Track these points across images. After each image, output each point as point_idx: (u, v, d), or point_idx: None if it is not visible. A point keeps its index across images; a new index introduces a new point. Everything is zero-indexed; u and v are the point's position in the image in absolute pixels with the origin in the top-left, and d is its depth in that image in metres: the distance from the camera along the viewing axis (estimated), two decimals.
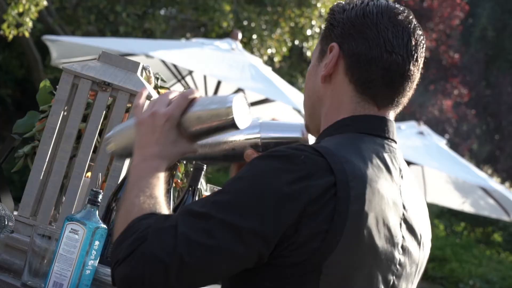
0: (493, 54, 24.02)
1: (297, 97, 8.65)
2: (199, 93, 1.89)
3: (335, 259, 1.69)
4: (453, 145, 18.90)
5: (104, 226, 2.12)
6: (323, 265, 1.69)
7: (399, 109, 1.92)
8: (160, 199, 1.78)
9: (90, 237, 2.08)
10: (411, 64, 1.87)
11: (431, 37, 18.74)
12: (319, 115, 1.93)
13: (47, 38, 9.77)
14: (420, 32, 1.90)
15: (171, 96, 1.89)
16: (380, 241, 1.76)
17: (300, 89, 13.56)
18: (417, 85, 1.93)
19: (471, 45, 23.48)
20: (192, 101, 1.86)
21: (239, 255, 1.67)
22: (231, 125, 1.83)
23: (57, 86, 2.50)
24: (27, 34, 10.05)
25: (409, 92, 1.91)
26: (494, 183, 10.65)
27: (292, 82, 13.50)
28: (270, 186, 1.68)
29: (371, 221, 1.73)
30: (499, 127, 23.29)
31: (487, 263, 14.31)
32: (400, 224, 1.82)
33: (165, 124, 1.84)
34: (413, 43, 1.87)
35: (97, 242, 2.10)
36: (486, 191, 10.90)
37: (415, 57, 1.87)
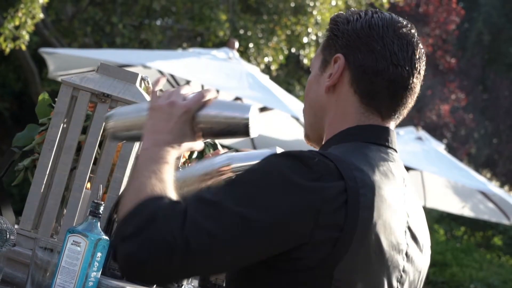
0: (490, 58, 24.05)
1: (295, 105, 8.65)
2: (216, 94, 1.91)
3: (345, 265, 1.71)
4: (452, 150, 18.90)
5: (106, 237, 2.12)
6: (335, 270, 1.71)
7: (399, 120, 1.96)
8: (170, 184, 1.77)
9: (92, 249, 2.08)
10: (414, 77, 1.91)
11: (428, 43, 18.75)
12: (322, 125, 1.95)
13: (44, 51, 9.77)
14: (422, 46, 1.94)
15: (186, 91, 1.90)
16: (387, 248, 1.78)
17: (297, 96, 13.56)
18: None
19: (468, 49, 23.51)
20: (209, 101, 1.88)
21: (246, 247, 1.67)
22: (245, 134, 1.87)
23: (55, 99, 2.51)
24: (23, 47, 10.06)
25: (411, 104, 1.95)
26: (493, 187, 10.64)
27: (289, 90, 13.50)
28: (285, 181, 1.69)
29: (379, 229, 1.75)
30: (497, 131, 23.31)
31: (487, 267, 14.29)
32: (405, 231, 1.85)
33: (182, 115, 1.85)
34: (417, 56, 1.91)
35: (99, 254, 2.10)
36: (486, 195, 10.90)
37: (418, 70, 1.91)
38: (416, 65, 1.91)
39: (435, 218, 16.15)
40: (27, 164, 2.68)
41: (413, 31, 1.93)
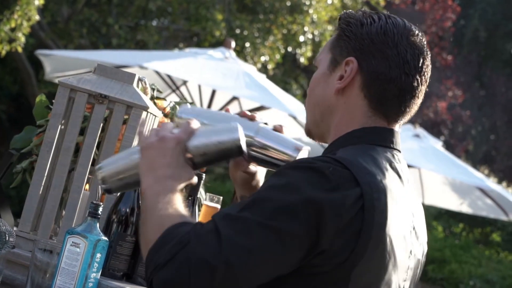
0: (486, 54, 24.06)
1: (292, 104, 8.65)
2: (199, 124, 1.93)
3: (362, 268, 1.75)
4: (449, 147, 18.91)
5: (105, 238, 2.12)
6: (352, 273, 1.74)
7: (403, 122, 1.99)
8: (185, 212, 1.80)
9: (92, 250, 2.08)
10: (422, 85, 1.94)
11: None
12: (328, 124, 1.97)
13: (40, 53, 9.77)
14: (429, 54, 1.97)
15: (171, 125, 1.92)
16: (398, 249, 1.83)
17: (294, 95, 13.56)
18: None
19: (464, 46, 23.52)
20: (196, 130, 1.90)
21: (281, 257, 1.71)
22: (238, 154, 1.89)
23: (53, 100, 2.50)
24: (20, 50, 10.06)
25: (415, 110, 1.98)
26: (491, 183, 10.65)
27: (286, 88, 13.50)
28: (305, 193, 1.72)
29: (392, 231, 1.80)
30: (494, 127, 23.32)
31: (486, 263, 14.29)
32: (410, 231, 1.90)
33: (175, 147, 1.86)
34: (426, 65, 1.94)
35: (98, 255, 2.10)
36: (484, 192, 10.90)
37: (425, 78, 1.94)
38: (425, 74, 1.94)
39: (433, 215, 16.15)
40: (25, 166, 2.68)
41: (423, 39, 1.96)
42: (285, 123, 9.21)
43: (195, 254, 1.66)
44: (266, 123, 2.04)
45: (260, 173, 2.11)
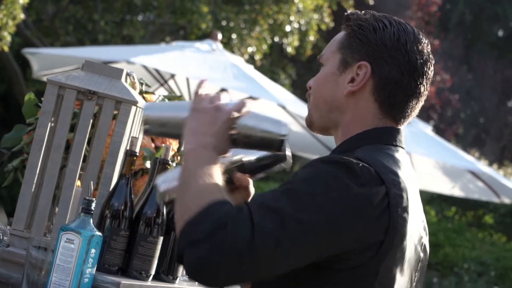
0: (472, 38, 24.09)
1: (281, 94, 8.66)
2: (253, 105, 1.98)
3: (389, 262, 1.82)
4: (439, 131, 18.94)
5: (99, 233, 2.13)
6: (381, 267, 1.81)
7: (407, 123, 2.05)
8: (223, 188, 1.84)
9: (86, 246, 2.09)
10: (426, 90, 2.01)
11: None
12: (335, 121, 2.01)
13: (27, 51, 9.75)
14: (433, 60, 2.03)
15: (227, 97, 1.97)
16: (416, 243, 1.91)
17: (283, 85, 13.56)
18: None
19: (450, 30, 23.53)
20: (248, 111, 1.95)
21: (306, 251, 1.75)
22: (277, 149, 1.96)
23: (41, 98, 2.51)
24: (6, 49, 10.03)
25: (417, 111, 2.04)
26: (482, 166, 10.69)
27: (274, 78, 13.49)
28: (338, 187, 1.77)
29: (412, 226, 1.87)
30: (483, 110, 23.37)
31: (480, 246, 14.33)
32: (421, 225, 1.96)
33: (227, 121, 1.90)
34: (431, 71, 2.01)
35: (93, 250, 2.11)
36: (475, 174, 10.93)
37: (429, 83, 2.01)
38: (429, 80, 2.01)
39: (426, 199, 16.18)
40: (16, 164, 2.68)
41: (429, 47, 2.02)
42: (274, 113, 9.21)
43: (229, 239, 1.70)
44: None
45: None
